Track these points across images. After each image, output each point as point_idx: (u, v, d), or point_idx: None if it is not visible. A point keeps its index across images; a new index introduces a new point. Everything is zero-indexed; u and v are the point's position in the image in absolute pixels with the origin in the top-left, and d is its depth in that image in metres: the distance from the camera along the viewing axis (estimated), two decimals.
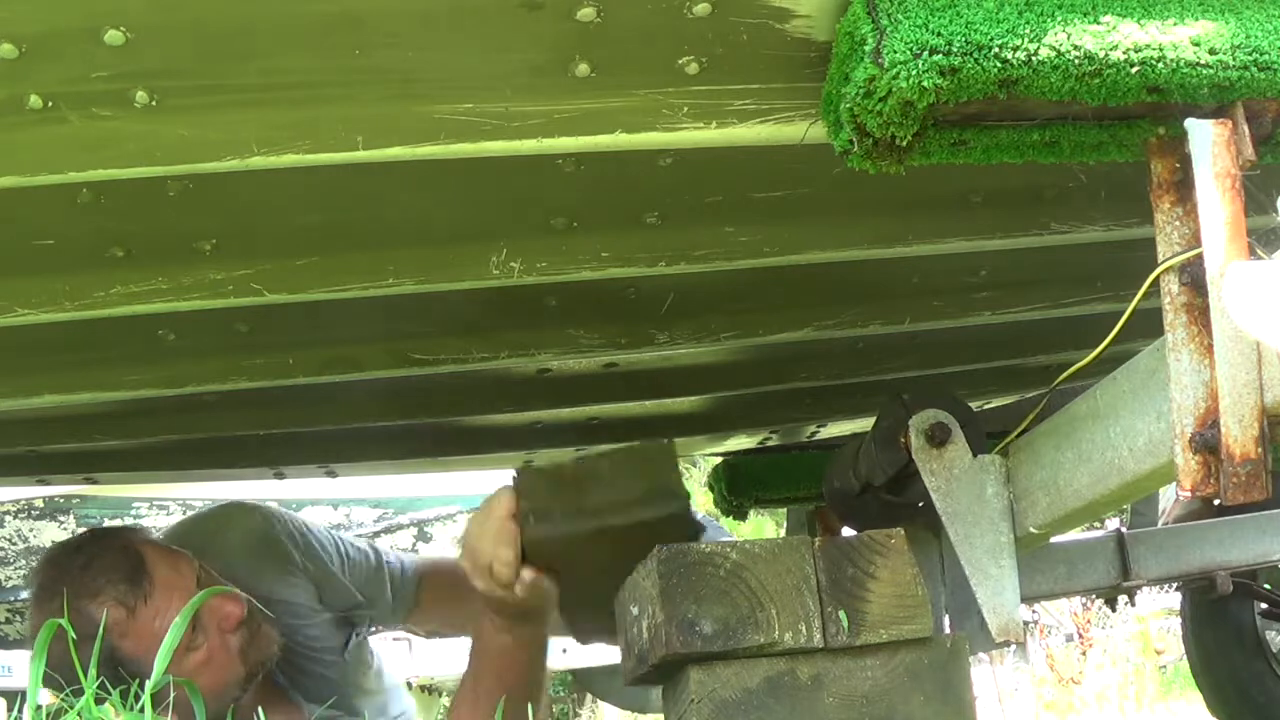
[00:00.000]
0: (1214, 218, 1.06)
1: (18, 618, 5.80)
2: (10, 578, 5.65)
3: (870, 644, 1.46)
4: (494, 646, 1.95)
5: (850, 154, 1.16)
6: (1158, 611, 9.59)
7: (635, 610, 1.58)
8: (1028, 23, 1.08)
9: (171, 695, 1.56)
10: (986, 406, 2.47)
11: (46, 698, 1.79)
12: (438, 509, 6.45)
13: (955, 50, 1.06)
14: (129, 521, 5.66)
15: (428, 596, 2.47)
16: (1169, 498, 3.39)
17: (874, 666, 1.46)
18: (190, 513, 2.44)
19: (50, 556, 2.14)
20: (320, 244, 1.50)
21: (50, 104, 1.14)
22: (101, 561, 2.01)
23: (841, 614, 1.45)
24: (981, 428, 1.62)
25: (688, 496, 1.76)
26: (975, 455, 1.58)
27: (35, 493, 5.45)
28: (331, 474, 2.71)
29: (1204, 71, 1.09)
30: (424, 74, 1.17)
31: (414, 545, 6.44)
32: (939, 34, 1.06)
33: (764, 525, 9.67)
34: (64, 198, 1.34)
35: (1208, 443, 1.09)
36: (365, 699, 2.38)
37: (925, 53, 1.05)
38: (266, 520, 2.29)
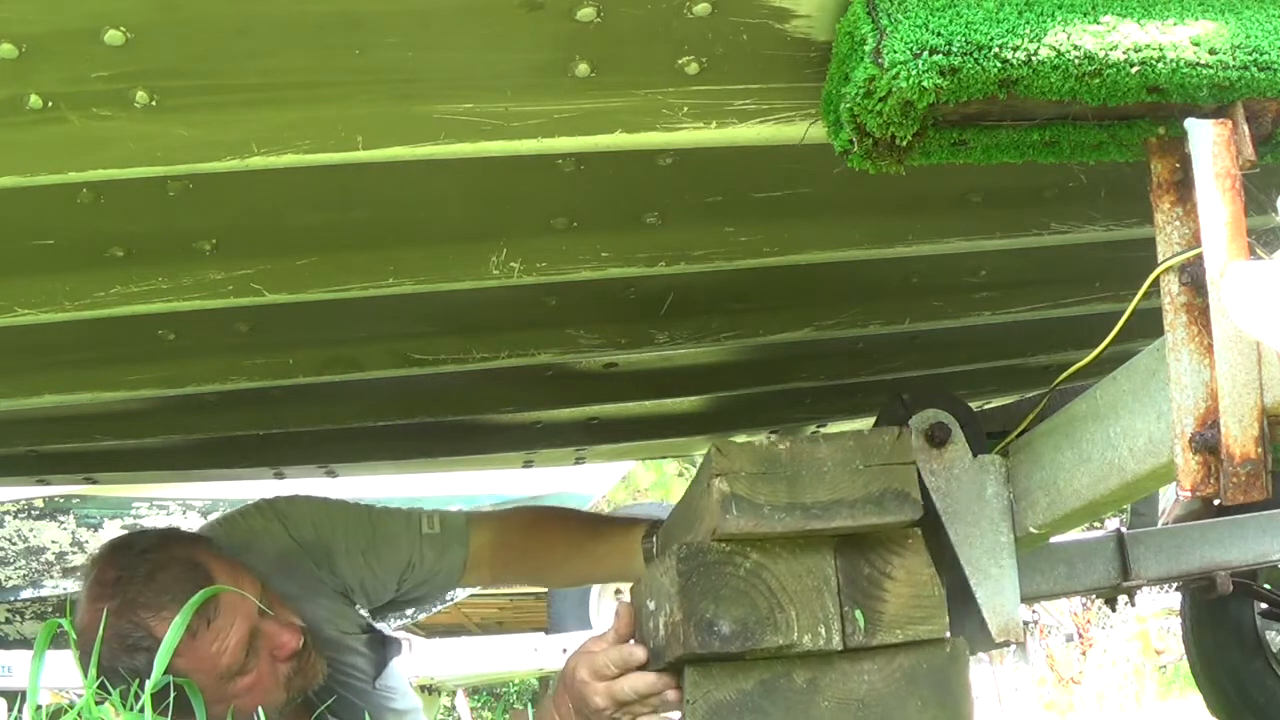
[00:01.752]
0: (1214, 218, 1.06)
1: (18, 618, 5.80)
2: (10, 578, 5.64)
3: (886, 644, 1.45)
4: None
5: (850, 154, 1.16)
6: (1158, 611, 9.59)
7: (652, 605, 1.58)
8: (1028, 23, 1.08)
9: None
10: (986, 406, 2.47)
11: (46, 698, 1.79)
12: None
13: (955, 50, 1.06)
14: (129, 522, 5.66)
15: (483, 546, 2.31)
16: (1169, 498, 3.39)
17: (871, 671, 1.46)
18: (218, 515, 2.36)
19: (112, 554, 2.04)
20: (320, 244, 1.50)
21: (50, 104, 1.14)
22: (167, 575, 1.94)
23: (858, 614, 1.45)
24: (981, 428, 1.62)
25: (921, 502, 1.49)
26: (975, 455, 1.58)
27: (35, 493, 5.44)
28: (331, 474, 2.71)
29: (1204, 71, 1.09)
30: (424, 74, 1.17)
31: None
32: (939, 34, 1.06)
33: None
34: (64, 198, 1.34)
35: (1208, 443, 1.09)
36: (392, 718, 2.37)
37: (925, 53, 1.05)
38: (287, 531, 2.22)
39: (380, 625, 2.40)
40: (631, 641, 1.71)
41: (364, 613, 2.35)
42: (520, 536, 2.35)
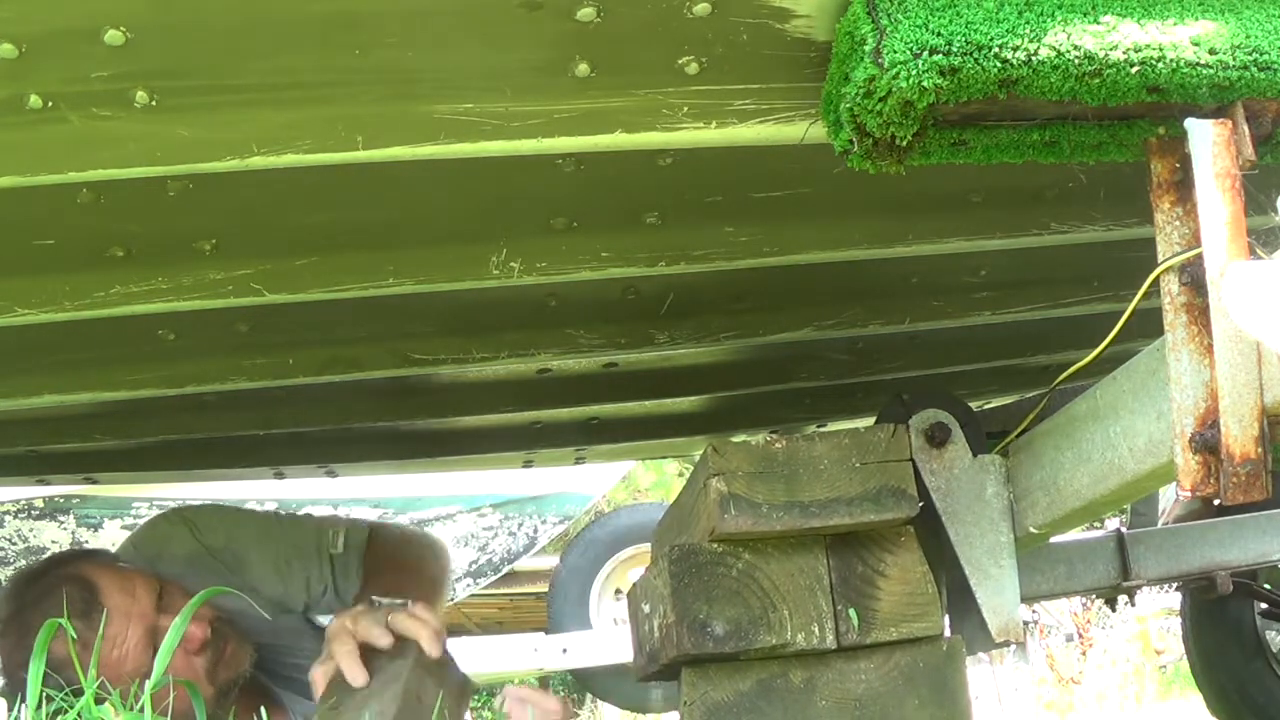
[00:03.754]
0: (1214, 218, 1.06)
1: None
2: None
3: (881, 642, 1.45)
4: None
5: (850, 154, 1.16)
6: (1158, 611, 9.59)
7: (647, 608, 1.58)
8: (1028, 23, 1.08)
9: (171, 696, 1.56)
10: (986, 406, 2.47)
11: None
12: (438, 509, 6.45)
13: (955, 50, 1.06)
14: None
15: (370, 566, 2.33)
16: (1169, 498, 3.39)
17: (868, 669, 1.46)
18: (132, 533, 2.40)
19: (11, 588, 2.12)
20: (320, 244, 1.50)
21: (50, 104, 1.14)
22: (54, 597, 1.98)
23: (851, 612, 1.45)
24: (981, 428, 1.62)
25: (918, 499, 1.48)
26: (975, 455, 1.58)
27: (35, 493, 5.44)
28: (331, 474, 2.71)
29: (1204, 71, 1.09)
30: (424, 74, 1.17)
31: None
32: (939, 34, 1.06)
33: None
34: (64, 198, 1.34)
35: (1208, 443, 1.09)
36: None
37: (925, 53, 1.05)
38: (195, 536, 2.24)
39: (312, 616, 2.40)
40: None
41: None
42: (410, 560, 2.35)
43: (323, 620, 2.41)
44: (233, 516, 2.29)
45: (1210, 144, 1.07)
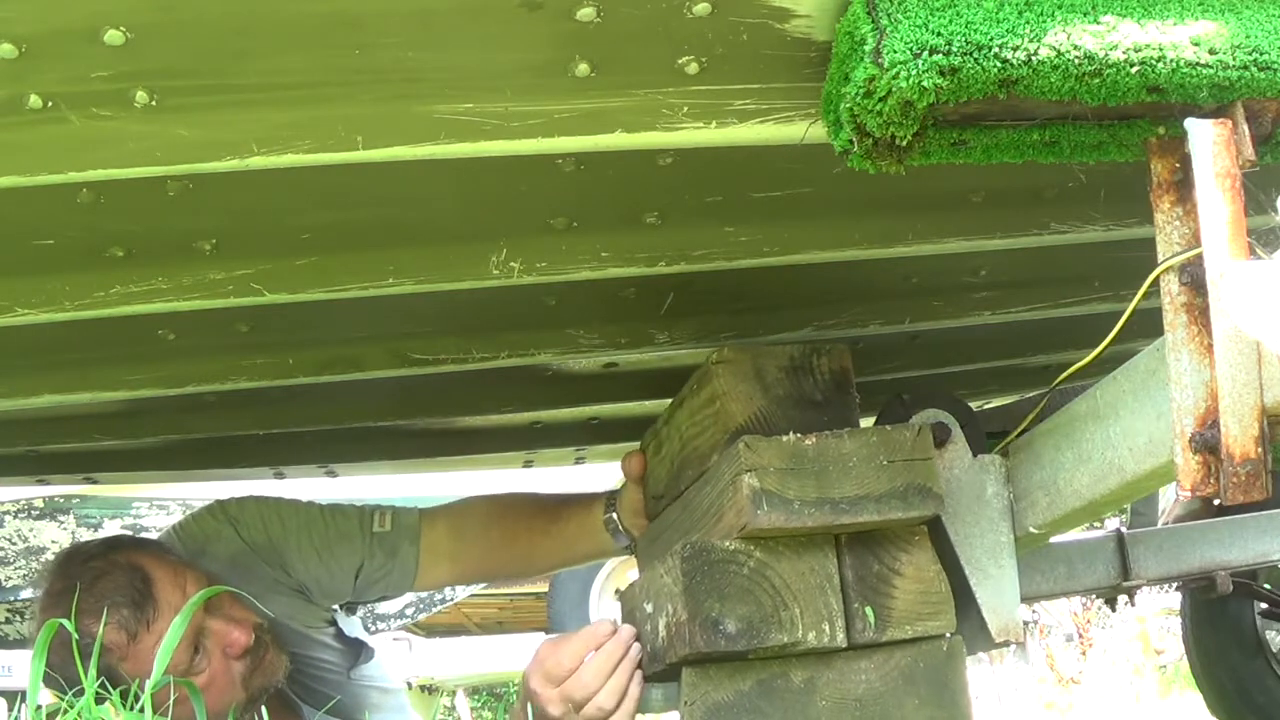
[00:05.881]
0: (1214, 218, 1.06)
1: (18, 618, 5.81)
2: (10, 578, 5.65)
3: (896, 640, 1.46)
4: None
5: (850, 154, 1.16)
6: (1158, 611, 9.59)
7: (650, 607, 1.57)
8: (1028, 22, 1.08)
9: (171, 698, 1.56)
10: (986, 406, 2.46)
11: (47, 698, 1.79)
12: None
13: (955, 50, 1.06)
14: (130, 522, 5.66)
15: (438, 542, 2.28)
16: (1169, 498, 3.39)
17: (868, 670, 1.46)
18: (176, 523, 2.38)
19: (61, 564, 2.09)
20: (320, 244, 1.50)
21: (50, 104, 1.14)
22: (107, 581, 1.97)
23: (868, 610, 1.45)
24: (981, 428, 1.62)
25: (943, 498, 1.50)
26: (975, 455, 1.58)
27: (35, 493, 5.45)
28: (331, 474, 2.71)
29: (1204, 71, 1.09)
30: (424, 74, 1.17)
31: None
32: (939, 34, 1.06)
33: None
34: (64, 198, 1.34)
35: (1208, 443, 1.09)
36: (374, 712, 2.36)
37: (925, 52, 1.05)
38: (238, 534, 2.23)
39: (344, 625, 2.39)
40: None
41: (335, 607, 2.35)
42: (480, 530, 2.31)
43: (353, 631, 2.42)
44: (274, 509, 2.26)
45: (1210, 144, 1.07)
